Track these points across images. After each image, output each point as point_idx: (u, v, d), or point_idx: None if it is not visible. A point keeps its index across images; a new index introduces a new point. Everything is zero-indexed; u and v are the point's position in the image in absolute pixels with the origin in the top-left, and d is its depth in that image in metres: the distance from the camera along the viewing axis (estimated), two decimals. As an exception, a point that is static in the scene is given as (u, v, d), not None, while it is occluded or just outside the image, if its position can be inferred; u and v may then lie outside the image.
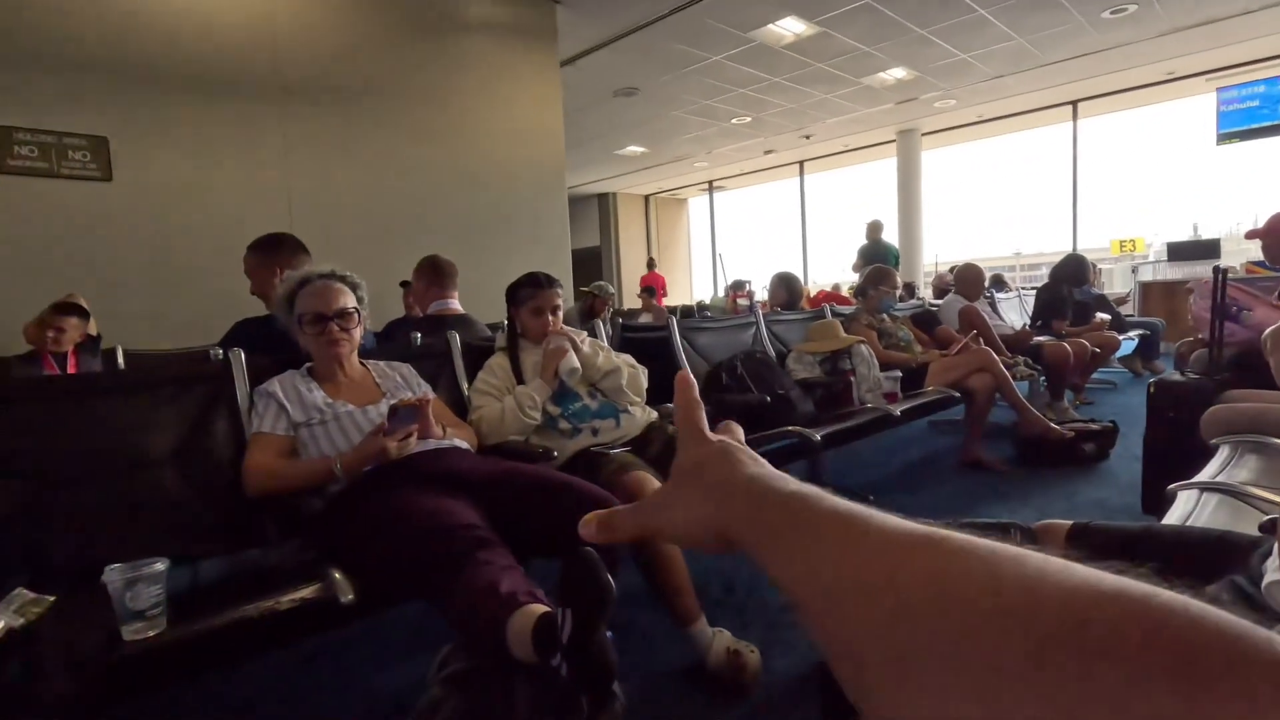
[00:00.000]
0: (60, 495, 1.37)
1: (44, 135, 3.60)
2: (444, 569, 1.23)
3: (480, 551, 1.25)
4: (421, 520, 1.32)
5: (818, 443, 2.36)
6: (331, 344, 1.67)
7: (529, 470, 1.60)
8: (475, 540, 1.27)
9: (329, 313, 1.66)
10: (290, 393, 1.64)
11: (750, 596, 2.02)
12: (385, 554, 1.32)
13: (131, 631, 1.07)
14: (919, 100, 8.92)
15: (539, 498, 1.48)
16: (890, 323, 3.47)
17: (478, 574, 1.19)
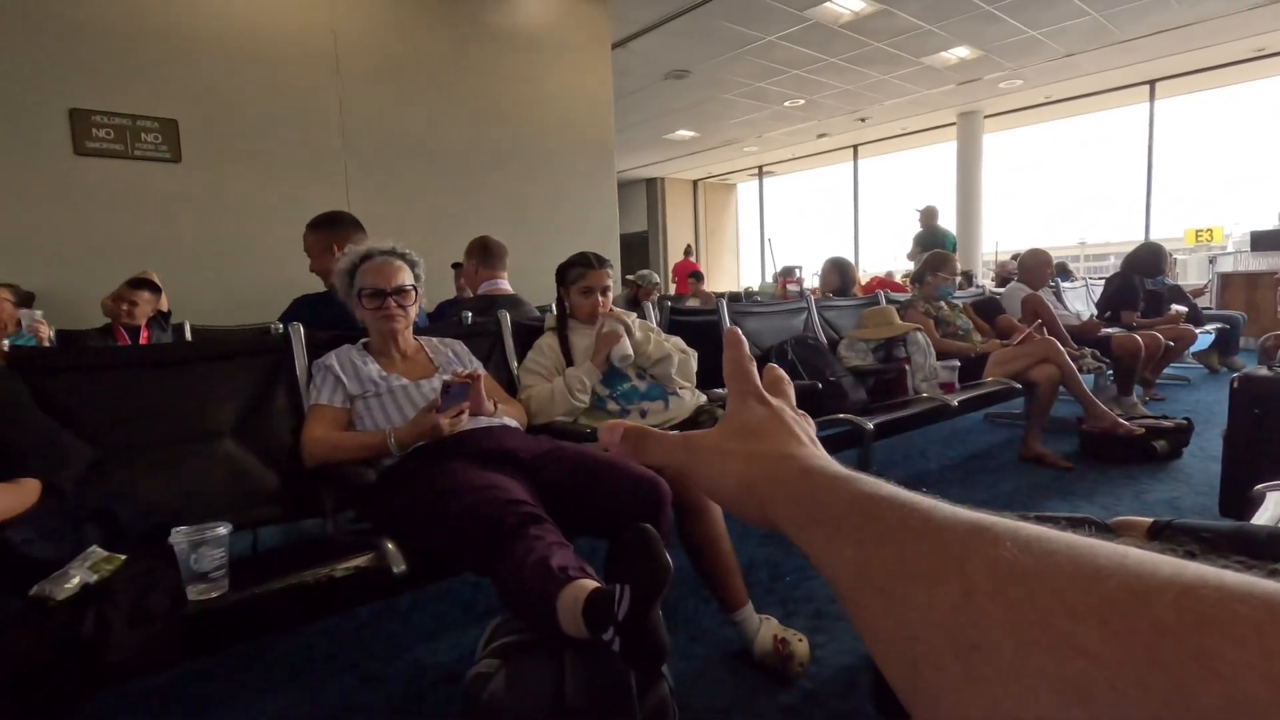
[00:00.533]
0: (130, 459, 1.43)
1: (119, 118, 3.76)
2: (494, 543, 1.23)
3: (531, 527, 1.25)
4: (472, 494, 1.33)
5: (870, 431, 2.30)
6: (388, 319, 1.69)
7: (577, 449, 1.59)
8: (526, 515, 1.28)
9: (388, 288, 1.69)
10: (347, 366, 1.67)
11: (798, 584, 1.99)
12: (436, 526, 1.34)
13: (196, 592, 1.10)
14: (982, 81, 8.56)
15: (587, 477, 1.47)
16: (948, 310, 3.35)
17: (529, 549, 1.19)
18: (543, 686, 1.03)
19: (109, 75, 3.71)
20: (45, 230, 3.56)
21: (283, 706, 1.50)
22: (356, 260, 1.74)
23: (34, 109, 3.52)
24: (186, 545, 1.09)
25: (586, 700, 1.04)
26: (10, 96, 3.45)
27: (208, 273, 4.01)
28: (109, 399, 1.45)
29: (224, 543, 1.13)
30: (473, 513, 1.29)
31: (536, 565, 1.15)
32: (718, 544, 1.59)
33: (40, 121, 3.55)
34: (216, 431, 1.55)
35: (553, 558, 1.17)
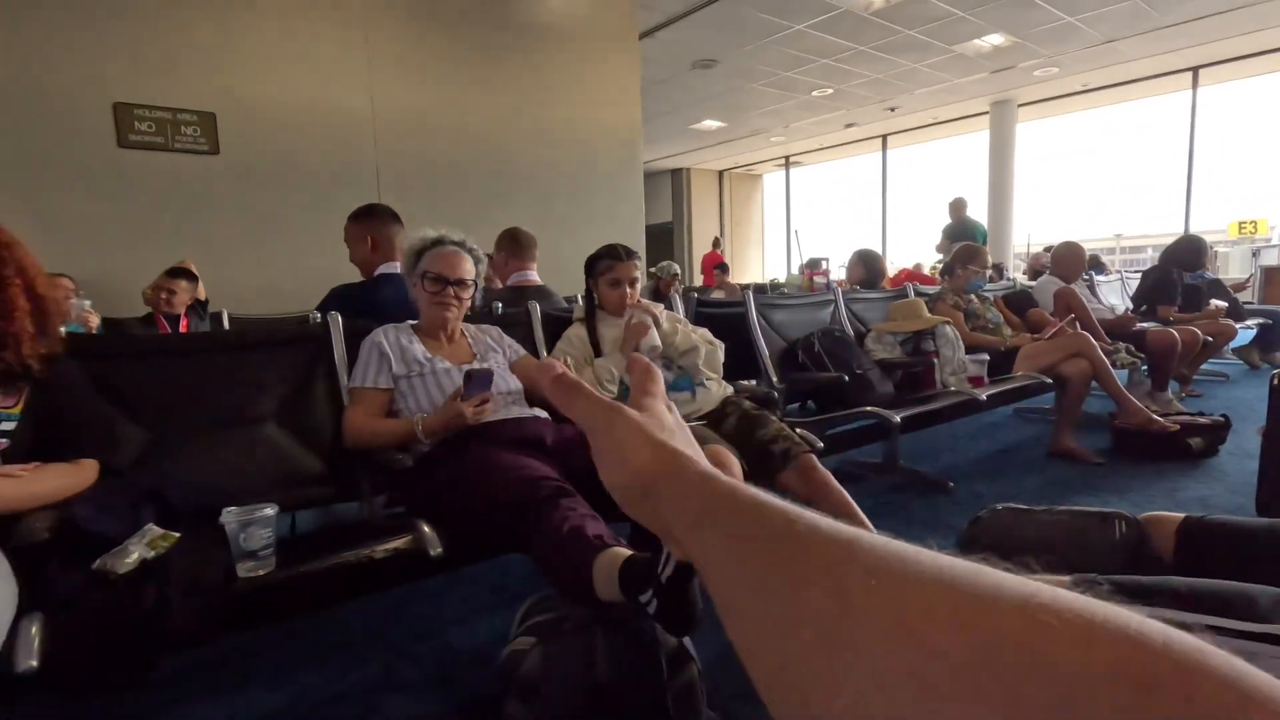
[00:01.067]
0: (179, 443, 1.49)
1: (160, 111, 3.86)
2: (529, 514, 1.27)
3: (562, 499, 1.30)
4: (504, 473, 1.38)
5: (897, 424, 2.30)
6: (444, 306, 1.76)
7: None
8: (556, 488, 1.32)
9: (451, 277, 1.76)
10: (394, 346, 1.73)
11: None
12: (470, 506, 1.39)
13: (245, 569, 1.15)
14: (1016, 69, 8.39)
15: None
16: (978, 303, 3.31)
17: (563, 518, 1.23)
18: (576, 664, 1.07)
19: (151, 70, 3.81)
20: (90, 220, 3.68)
21: (323, 680, 1.56)
22: (428, 243, 1.80)
23: (80, 103, 3.64)
24: (236, 524, 1.15)
25: (618, 678, 1.08)
26: (58, 91, 3.57)
27: (244, 262, 4.12)
28: (159, 385, 1.52)
29: (271, 523, 1.18)
30: (506, 489, 1.33)
31: (571, 533, 1.19)
32: (744, 533, 1.61)
33: (86, 115, 3.66)
34: (260, 417, 1.61)
35: (586, 527, 1.21)
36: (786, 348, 2.72)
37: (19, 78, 3.47)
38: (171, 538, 1.16)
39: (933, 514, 2.44)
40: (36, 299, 1.26)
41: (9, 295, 1.21)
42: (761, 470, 1.75)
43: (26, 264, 1.25)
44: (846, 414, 2.41)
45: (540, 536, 1.24)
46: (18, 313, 1.21)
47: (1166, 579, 0.77)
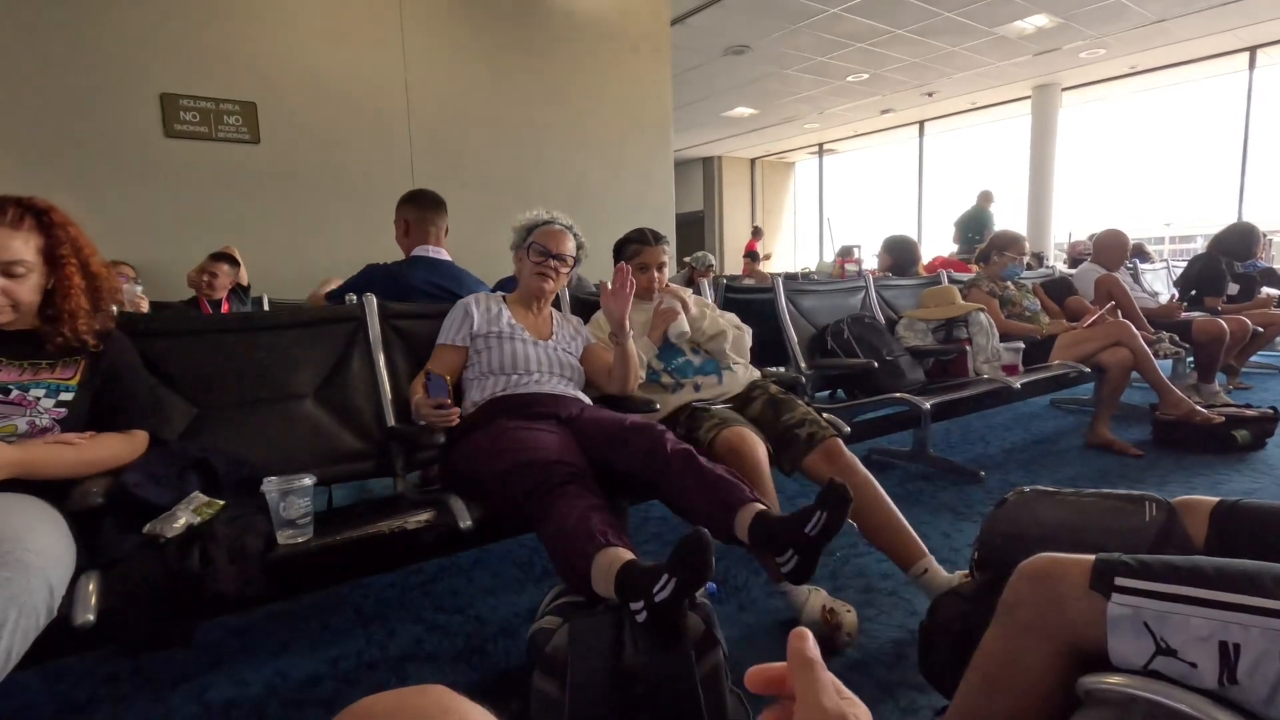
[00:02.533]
0: (222, 417, 1.55)
1: (204, 101, 3.97)
2: (537, 500, 1.32)
3: (571, 485, 1.33)
4: (520, 453, 1.42)
5: (926, 411, 2.28)
6: (543, 277, 1.88)
7: (613, 416, 1.65)
8: (567, 475, 1.36)
9: (554, 252, 1.87)
10: (483, 307, 1.85)
11: (848, 560, 2.00)
12: (489, 484, 1.44)
13: (285, 537, 1.20)
14: (1061, 51, 8.12)
15: (620, 441, 1.53)
16: (1014, 290, 3.24)
17: (570, 506, 1.27)
18: (603, 645, 1.09)
19: (195, 60, 3.92)
20: (138, 209, 3.81)
21: (356, 650, 1.62)
22: (538, 222, 1.93)
23: (128, 94, 3.76)
24: (277, 493, 1.20)
25: (645, 660, 1.09)
26: (108, 83, 3.69)
27: (283, 248, 4.22)
28: (204, 361, 1.58)
29: (309, 493, 1.23)
30: (519, 472, 1.38)
31: (577, 524, 1.24)
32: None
33: (134, 106, 3.78)
34: (298, 393, 1.67)
35: (592, 520, 1.25)
36: (815, 334, 2.71)
37: (71, 70, 3.60)
38: (216, 505, 1.21)
39: (962, 503, 2.41)
40: (91, 276, 1.32)
41: (65, 273, 1.27)
42: (786, 454, 1.76)
43: (81, 243, 1.31)
44: (875, 400, 2.40)
45: (548, 523, 1.29)
46: (74, 290, 1.27)
47: (1194, 559, 0.76)
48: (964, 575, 1.49)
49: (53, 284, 1.27)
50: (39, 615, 0.93)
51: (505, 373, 1.76)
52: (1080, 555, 0.80)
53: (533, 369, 1.77)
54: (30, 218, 1.24)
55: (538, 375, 1.77)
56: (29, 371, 1.24)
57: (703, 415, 1.81)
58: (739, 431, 1.68)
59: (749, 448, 1.64)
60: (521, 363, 1.78)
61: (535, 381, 1.76)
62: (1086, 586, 0.76)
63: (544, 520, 1.30)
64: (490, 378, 1.77)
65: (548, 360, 1.81)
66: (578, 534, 1.23)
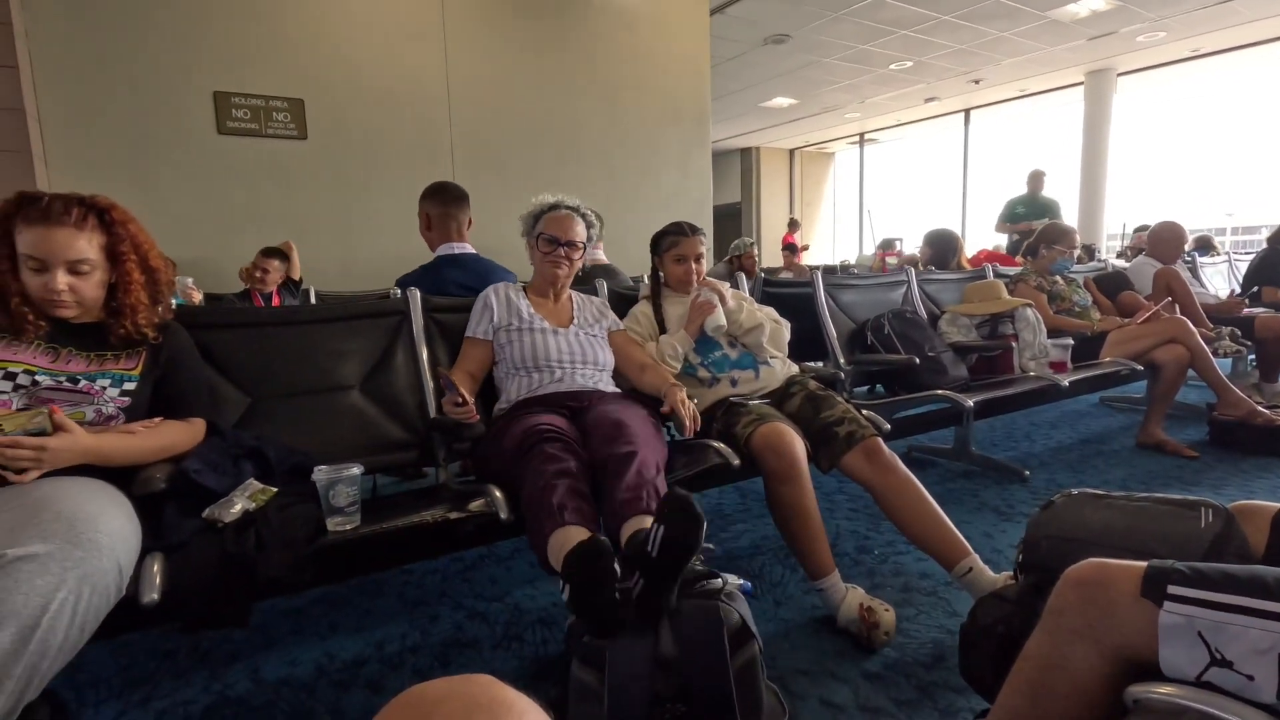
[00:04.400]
0: (274, 407, 1.61)
1: (254, 99, 4.10)
2: (519, 457, 1.39)
3: (547, 445, 1.39)
4: (519, 431, 1.48)
5: (969, 409, 2.23)
6: (554, 265, 1.88)
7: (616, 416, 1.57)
8: (549, 433, 1.42)
9: (563, 239, 1.87)
10: (502, 299, 1.86)
11: (886, 558, 1.98)
12: (505, 471, 1.49)
13: (334, 524, 1.25)
14: (1117, 35, 7.80)
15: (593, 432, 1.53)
16: (1063, 285, 3.15)
17: (540, 471, 1.34)
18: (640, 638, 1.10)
19: (246, 58, 4.04)
20: (193, 204, 3.95)
21: (400, 634, 1.67)
22: (545, 208, 1.93)
23: (184, 93, 3.90)
24: (326, 482, 1.24)
25: (681, 653, 1.10)
26: (164, 81, 3.83)
27: (330, 243, 4.34)
28: (257, 354, 1.64)
29: (357, 481, 1.27)
30: (513, 438, 1.46)
31: (543, 493, 1.29)
32: (805, 514, 1.61)
33: (189, 104, 3.92)
34: (345, 385, 1.72)
35: (557, 489, 1.29)
36: (855, 329, 2.67)
37: (130, 70, 3.74)
38: (270, 492, 1.26)
39: (1005, 503, 2.36)
40: (150, 271, 1.38)
41: (126, 269, 1.33)
42: (825, 452, 1.74)
43: (140, 240, 1.36)
44: (916, 397, 2.36)
45: (524, 484, 1.35)
46: (134, 285, 1.33)
47: (1254, 568, 0.74)
48: (1008, 577, 1.47)
49: (114, 279, 1.33)
50: (110, 593, 0.98)
51: (529, 368, 1.78)
52: (1131, 561, 0.79)
53: (552, 360, 1.78)
54: (93, 217, 1.30)
55: (560, 369, 1.78)
56: (95, 362, 1.30)
57: (739, 410, 1.81)
58: (776, 428, 1.67)
59: (786, 445, 1.63)
60: (543, 354, 1.78)
61: (557, 379, 1.77)
62: (1137, 594, 0.74)
63: (523, 483, 1.35)
64: (517, 375, 1.78)
65: (568, 349, 1.81)
66: (542, 504, 1.28)
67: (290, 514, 1.23)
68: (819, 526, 1.62)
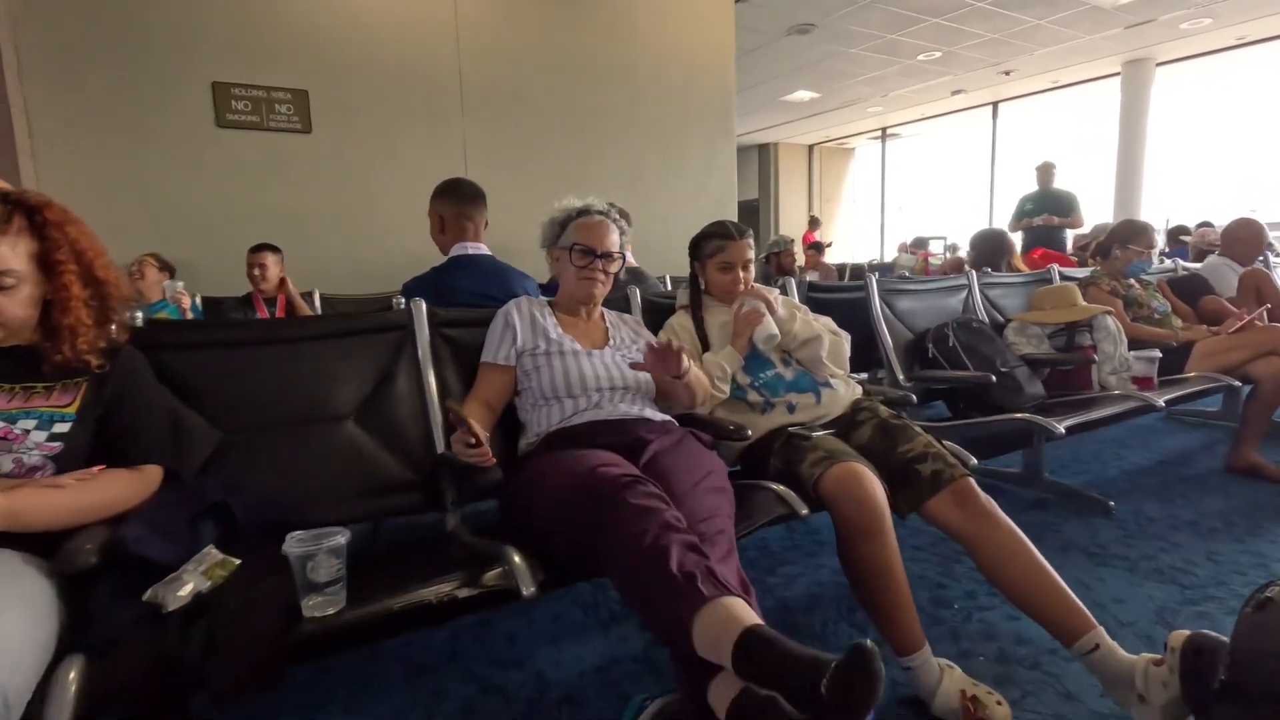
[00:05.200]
0: (250, 444, 1.35)
1: (255, 90, 3.85)
2: (594, 513, 1.07)
3: (640, 488, 1.08)
4: (570, 475, 1.18)
5: (1060, 434, 1.93)
6: (590, 281, 1.60)
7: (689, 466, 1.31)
8: (629, 478, 1.10)
9: (599, 249, 1.59)
10: (525, 316, 1.59)
11: (970, 615, 1.69)
12: (541, 522, 1.20)
13: (311, 606, 0.98)
14: (1157, 22, 7.42)
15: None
16: (1140, 290, 2.83)
17: (641, 527, 1.01)
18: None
19: (247, 47, 3.80)
20: (190, 200, 3.72)
21: (399, 708, 1.41)
22: (572, 213, 1.64)
23: (180, 83, 3.66)
24: (302, 555, 0.97)
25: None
26: (159, 71, 3.59)
27: (337, 243, 4.09)
28: (233, 379, 1.38)
29: (341, 552, 1.00)
30: (568, 497, 1.14)
31: (649, 561, 0.97)
32: (889, 574, 1.33)
33: (186, 95, 3.68)
34: (339, 414, 1.45)
35: (671, 554, 0.96)
36: (913, 340, 2.38)
37: (125, 58, 3.51)
38: (230, 565, 1.00)
39: (1094, 542, 2.06)
40: (95, 283, 1.12)
41: (63, 283, 1.07)
42: (905, 495, 1.46)
43: (82, 245, 1.10)
44: (994, 420, 2.06)
45: (611, 545, 1.02)
46: (73, 302, 1.08)
47: None
48: (1152, 660, 1.18)
49: (49, 295, 1.07)
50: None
51: (559, 396, 1.50)
52: None
53: (589, 386, 1.50)
54: (20, 217, 1.04)
55: (598, 394, 1.51)
56: (19, 398, 1.05)
57: (802, 445, 1.52)
58: (852, 470, 1.38)
59: (868, 491, 1.35)
60: (577, 382, 1.50)
61: (595, 405, 1.49)
62: None
63: (605, 543, 1.03)
64: (544, 406, 1.51)
65: (606, 374, 1.53)
66: (659, 580, 0.95)
67: (256, 596, 0.96)
68: (906, 591, 1.34)
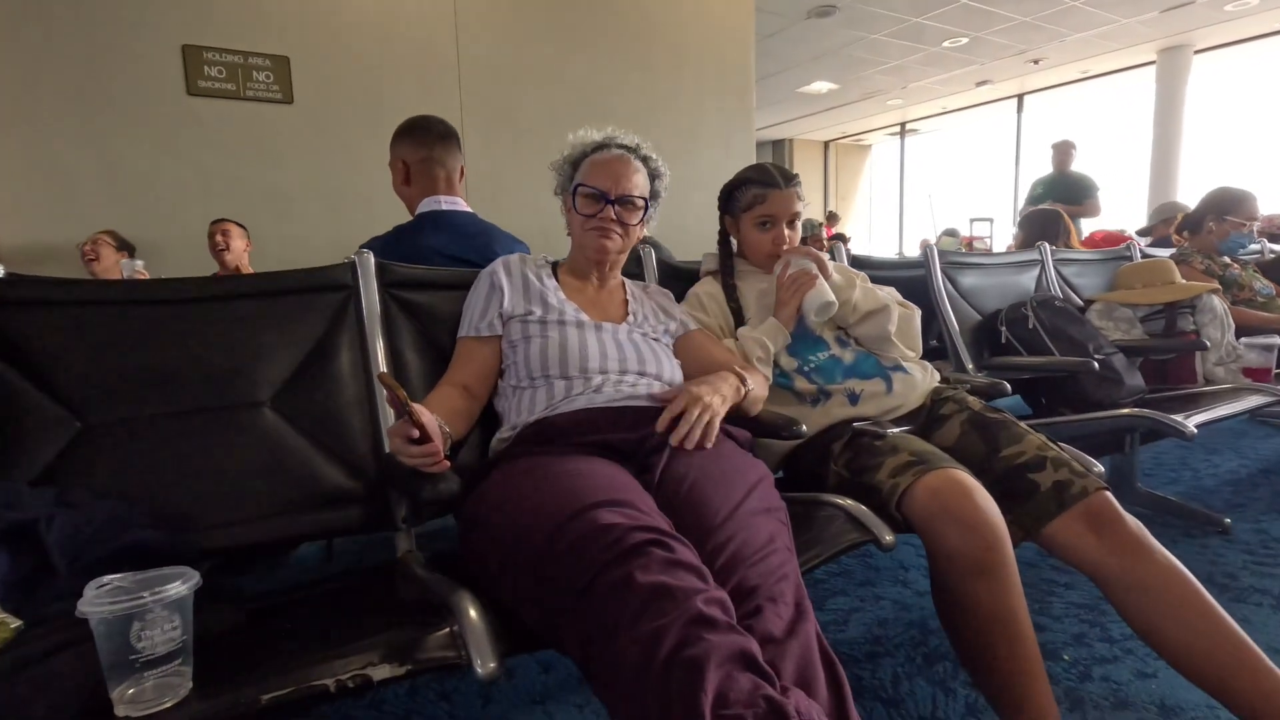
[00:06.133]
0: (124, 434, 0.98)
1: (231, 55, 3.51)
2: (573, 600, 0.68)
3: (634, 564, 0.67)
4: (550, 503, 0.78)
5: (1190, 435, 1.52)
6: (600, 232, 1.20)
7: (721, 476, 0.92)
8: (636, 544, 0.69)
9: (611, 193, 1.19)
10: (515, 276, 1.22)
11: (1089, 667, 1.29)
12: (498, 567, 0.81)
13: (127, 699, 0.60)
14: (1196, 5, 6.99)
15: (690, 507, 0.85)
16: (1239, 270, 2.43)
17: (649, 631, 0.62)
18: None
19: (221, 7, 3.46)
20: (158, 174, 3.38)
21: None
22: (587, 149, 1.25)
23: (147, 45, 3.32)
24: (108, 618, 0.59)
25: None
26: (123, 31, 3.26)
27: (320, 221, 3.74)
28: (104, 349, 1.00)
29: (183, 608, 0.62)
30: (539, 528, 0.75)
31: (675, 690, 0.57)
32: (1011, 625, 0.94)
33: (153, 59, 3.34)
34: (251, 400, 1.08)
35: (707, 674, 0.58)
36: (980, 323, 1.99)
37: (85, 18, 3.18)
38: (5, 629, 0.62)
39: (1220, 570, 1.66)
40: None
41: None
42: (1017, 513, 1.07)
43: None
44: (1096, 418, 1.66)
45: (607, 651, 0.64)
46: None
47: None
48: None
49: None
50: None
51: (549, 376, 1.10)
52: None
53: (591, 366, 1.11)
54: None
55: (601, 377, 1.11)
56: None
57: (874, 446, 1.13)
58: (954, 479, 1.00)
59: (981, 510, 0.96)
60: (576, 359, 1.11)
61: (595, 389, 1.08)
62: None
63: (595, 638, 0.66)
64: (527, 389, 1.11)
65: (617, 354, 1.14)
66: (688, 705, 0.56)
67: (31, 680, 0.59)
68: (1034, 648, 0.95)
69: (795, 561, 0.80)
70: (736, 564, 0.74)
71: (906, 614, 1.52)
